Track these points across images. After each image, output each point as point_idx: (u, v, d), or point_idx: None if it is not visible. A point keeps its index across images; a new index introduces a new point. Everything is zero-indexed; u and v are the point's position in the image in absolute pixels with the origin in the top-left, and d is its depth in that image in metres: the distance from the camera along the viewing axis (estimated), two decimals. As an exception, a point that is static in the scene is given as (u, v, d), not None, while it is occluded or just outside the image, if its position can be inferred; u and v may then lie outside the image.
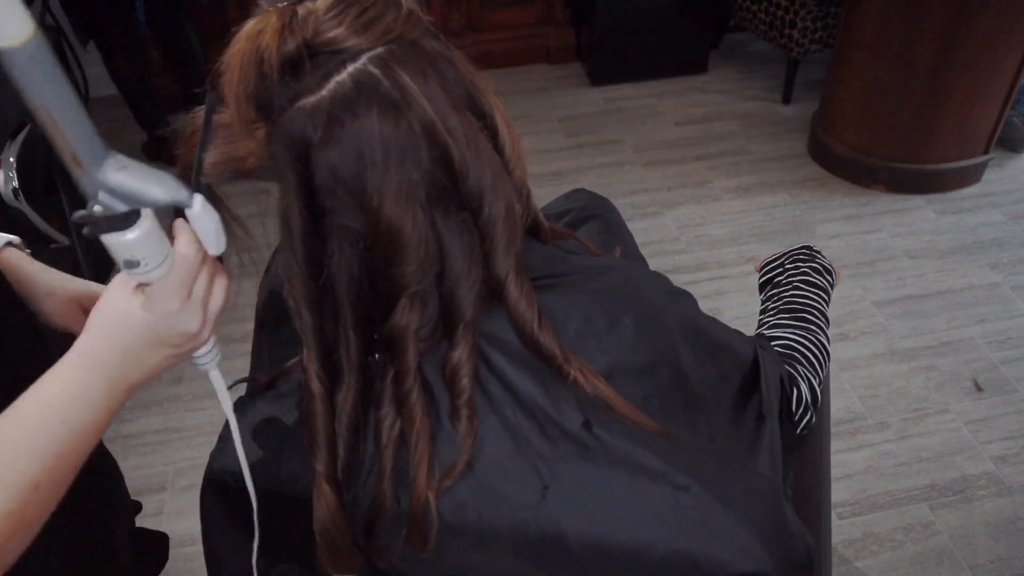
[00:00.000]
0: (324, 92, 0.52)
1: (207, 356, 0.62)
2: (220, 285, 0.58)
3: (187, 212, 0.53)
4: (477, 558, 0.67)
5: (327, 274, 0.60)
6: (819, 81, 3.12)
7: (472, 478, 0.63)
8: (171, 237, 0.54)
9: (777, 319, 0.94)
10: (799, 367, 0.85)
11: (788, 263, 1.04)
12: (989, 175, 2.81)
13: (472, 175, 0.58)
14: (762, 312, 1.00)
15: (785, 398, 0.81)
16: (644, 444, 0.64)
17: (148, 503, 1.56)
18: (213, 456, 0.73)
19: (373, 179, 0.54)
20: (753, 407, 0.76)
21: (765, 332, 0.92)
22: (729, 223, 2.66)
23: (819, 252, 1.05)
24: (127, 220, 0.50)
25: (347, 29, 0.52)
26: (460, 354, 0.62)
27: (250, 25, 0.52)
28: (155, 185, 0.50)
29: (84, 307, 0.87)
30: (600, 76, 3.47)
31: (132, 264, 0.51)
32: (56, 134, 0.46)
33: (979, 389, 2.07)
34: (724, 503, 0.64)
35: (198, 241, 0.55)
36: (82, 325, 0.56)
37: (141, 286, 0.55)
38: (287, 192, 0.57)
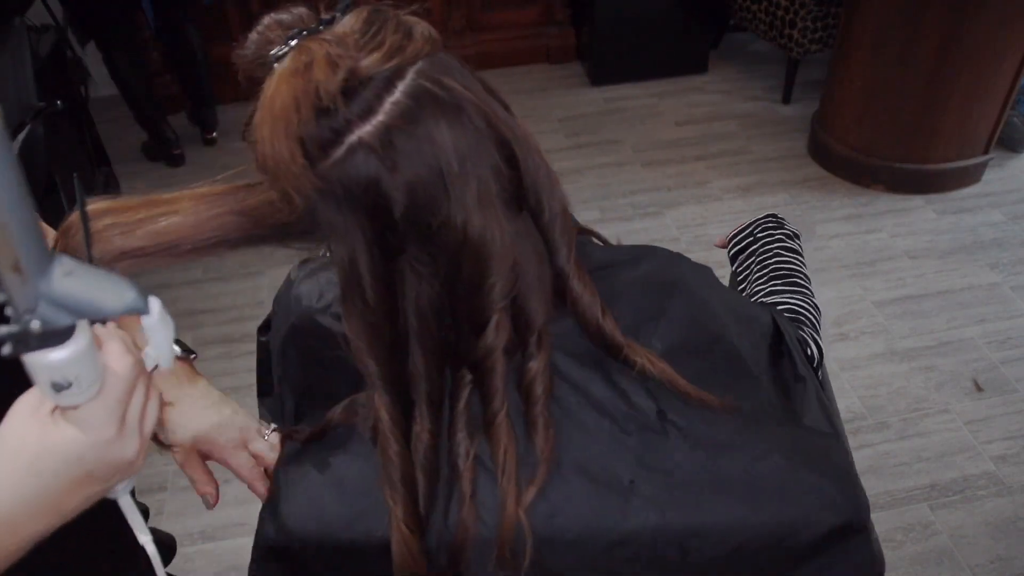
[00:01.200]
0: (381, 116, 0.50)
1: (125, 482, 0.53)
2: (154, 402, 0.51)
3: (144, 320, 0.46)
4: (571, 566, 0.66)
5: (398, 316, 0.58)
6: (819, 81, 3.12)
7: (557, 486, 0.63)
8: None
9: (771, 286, 0.96)
10: (805, 328, 0.88)
11: (759, 232, 1.06)
12: (989, 175, 2.80)
13: (531, 171, 0.57)
14: (742, 279, 1.02)
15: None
16: (715, 422, 0.65)
17: (148, 503, 1.55)
18: (267, 521, 0.68)
19: (454, 190, 0.52)
20: (785, 371, 0.77)
21: (766, 300, 0.94)
22: (729, 223, 2.65)
23: (784, 218, 1.08)
24: (63, 335, 0.42)
25: (387, 50, 0.50)
26: (538, 364, 0.61)
27: (287, 64, 0.49)
28: (107, 292, 0.43)
29: (202, 451, 0.77)
30: (600, 76, 3.47)
31: (61, 386, 0.43)
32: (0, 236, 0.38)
33: (979, 389, 2.07)
34: (801, 463, 0.65)
35: (132, 352, 0.47)
36: (196, 470, 0.50)
37: (60, 410, 0.46)
38: (351, 239, 0.53)
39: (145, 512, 1.11)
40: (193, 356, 0.77)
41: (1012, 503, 1.80)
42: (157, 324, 0.46)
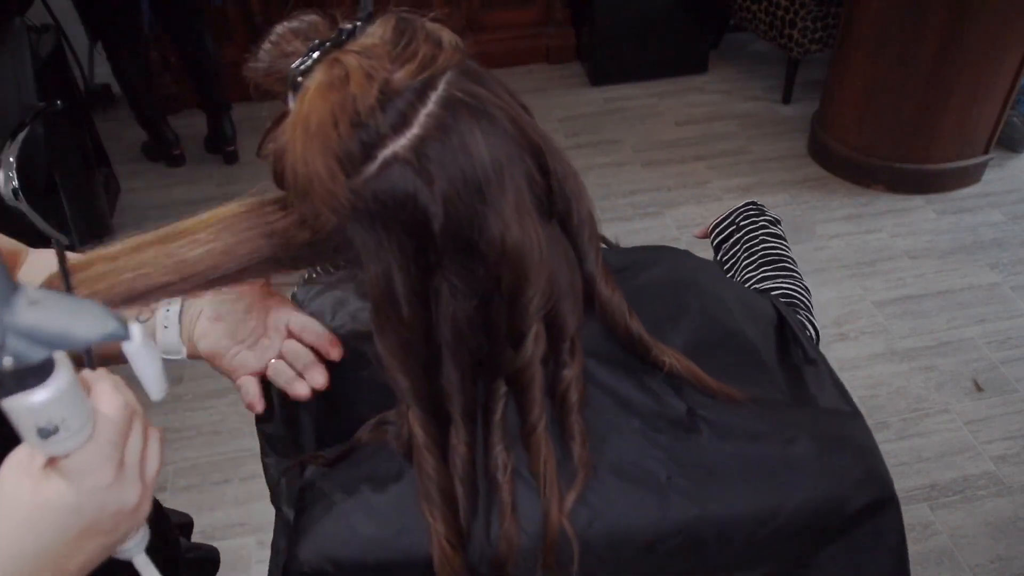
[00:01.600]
0: (416, 129, 0.48)
1: (137, 536, 0.50)
2: (155, 442, 0.48)
3: (125, 347, 0.43)
4: (614, 568, 0.66)
5: (432, 331, 0.56)
6: (819, 81, 3.11)
7: (594, 490, 0.63)
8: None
9: (761, 272, 0.97)
10: (801, 312, 0.89)
11: (742, 220, 1.06)
12: (989, 175, 2.80)
13: (559, 176, 0.57)
14: (729, 268, 1.03)
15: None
16: (741, 413, 0.66)
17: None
18: (297, 545, 0.65)
19: (492, 201, 0.51)
20: (796, 356, 0.77)
21: (759, 287, 0.95)
22: (729, 223, 2.66)
23: (764, 205, 1.09)
24: (41, 372, 0.39)
25: (420, 62, 0.49)
26: (572, 372, 0.61)
27: (319, 77, 0.47)
28: (81, 319, 0.39)
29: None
30: (600, 76, 3.47)
31: (49, 431, 0.40)
32: None
33: (979, 389, 2.07)
34: (829, 445, 0.66)
35: (123, 391, 0.45)
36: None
37: (51, 461, 0.43)
38: (386, 257, 0.52)
39: (189, 525, 1.08)
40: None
41: (1012, 503, 1.80)
42: (140, 350, 0.43)
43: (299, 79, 0.49)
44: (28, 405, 0.39)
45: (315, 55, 0.49)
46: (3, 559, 0.42)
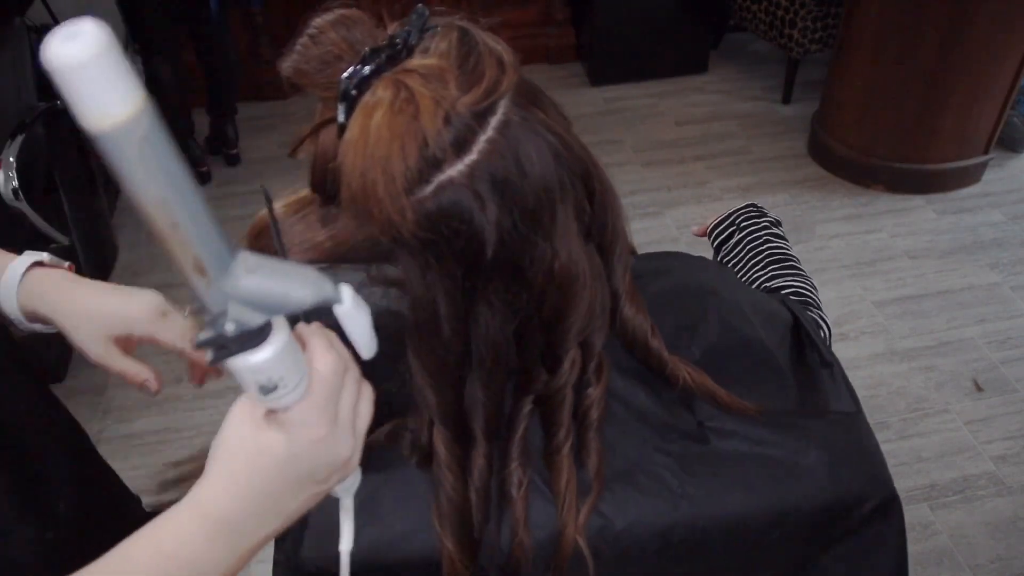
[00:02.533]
0: (475, 155, 0.47)
1: (348, 480, 0.53)
2: (366, 395, 0.50)
3: (336, 310, 0.45)
4: (620, 574, 0.66)
5: (469, 351, 0.56)
6: (819, 81, 3.11)
7: (605, 499, 0.63)
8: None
9: (770, 271, 0.97)
10: (813, 310, 0.89)
11: (743, 221, 1.07)
12: (989, 175, 2.80)
13: (600, 195, 0.56)
14: (733, 267, 1.03)
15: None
16: (752, 423, 0.67)
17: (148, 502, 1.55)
18: (301, 545, 0.65)
19: (544, 227, 0.51)
20: (812, 359, 0.78)
21: (770, 285, 0.96)
22: (729, 223, 2.66)
23: (764, 207, 1.09)
24: (260, 335, 0.41)
25: (486, 88, 0.47)
26: (597, 391, 0.61)
27: (383, 99, 0.45)
28: (297, 284, 0.41)
29: (117, 339, 0.73)
30: (600, 76, 3.47)
31: (269, 388, 0.42)
32: (175, 236, 0.36)
33: (979, 389, 2.07)
34: (839, 456, 0.67)
35: (336, 348, 0.46)
36: (117, 364, 0.49)
37: (271, 412, 0.45)
38: (433, 279, 0.51)
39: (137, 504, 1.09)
40: (68, 265, 0.75)
41: (1012, 503, 1.80)
42: (351, 311, 0.45)
43: (352, 92, 0.47)
44: (250, 365, 0.41)
45: (368, 69, 0.47)
46: (228, 495, 0.45)
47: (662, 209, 2.75)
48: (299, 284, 0.41)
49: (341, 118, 0.47)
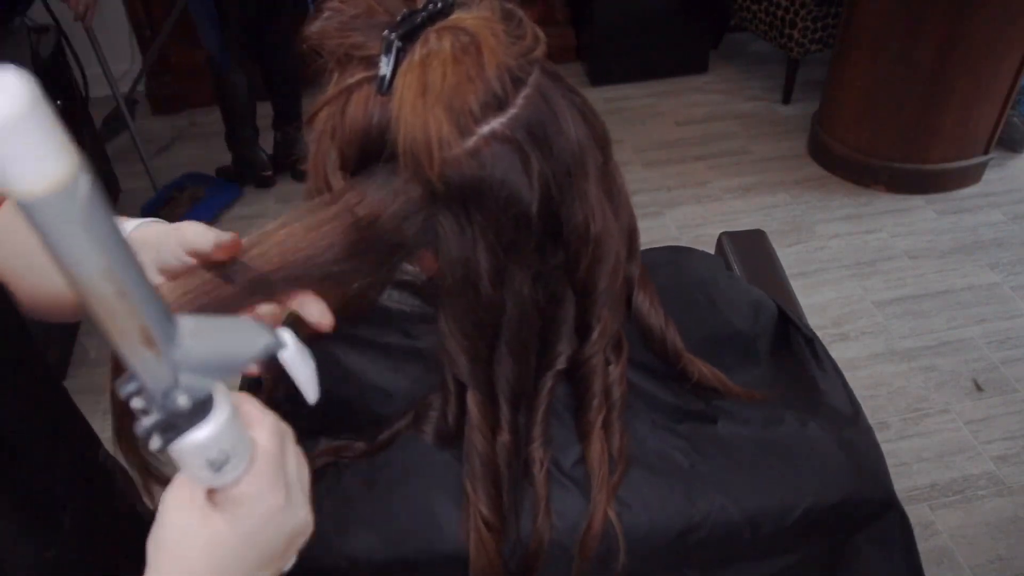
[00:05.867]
0: (515, 109, 0.49)
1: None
2: (301, 453, 0.46)
3: (281, 355, 0.41)
4: (645, 560, 0.66)
5: (504, 314, 0.56)
6: (819, 81, 3.11)
7: (626, 484, 0.64)
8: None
9: None
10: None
11: None
12: (989, 175, 2.80)
13: (613, 166, 0.58)
14: None
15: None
16: (757, 405, 0.69)
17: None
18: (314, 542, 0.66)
19: (580, 186, 0.53)
20: (795, 343, 0.79)
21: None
22: (729, 223, 2.66)
23: None
24: (207, 404, 0.37)
25: (527, 45, 0.51)
26: (618, 369, 0.62)
27: (444, 44, 0.46)
28: (240, 338, 0.38)
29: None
30: (600, 76, 3.46)
31: (220, 463, 0.38)
32: (121, 307, 0.32)
33: (979, 389, 2.07)
34: (845, 443, 0.68)
35: (265, 408, 0.43)
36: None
37: (212, 493, 0.40)
38: (473, 236, 0.51)
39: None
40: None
41: (1012, 503, 1.80)
42: (295, 355, 0.42)
43: (398, 44, 0.47)
44: (201, 440, 0.37)
45: (416, 21, 0.48)
46: None
47: (662, 209, 2.75)
48: (243, 337, 0.39)
49: (385, 71, 0.48)
